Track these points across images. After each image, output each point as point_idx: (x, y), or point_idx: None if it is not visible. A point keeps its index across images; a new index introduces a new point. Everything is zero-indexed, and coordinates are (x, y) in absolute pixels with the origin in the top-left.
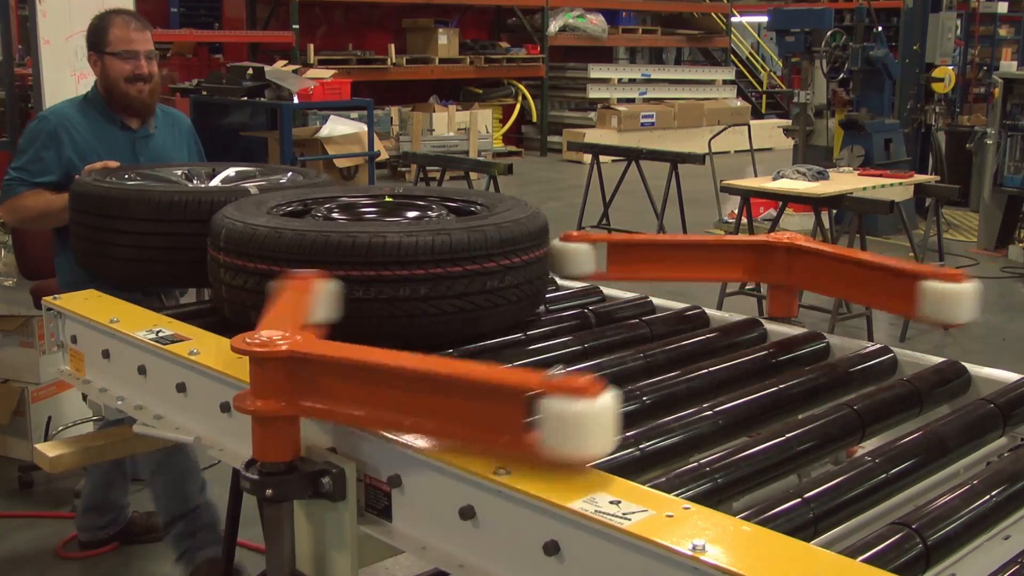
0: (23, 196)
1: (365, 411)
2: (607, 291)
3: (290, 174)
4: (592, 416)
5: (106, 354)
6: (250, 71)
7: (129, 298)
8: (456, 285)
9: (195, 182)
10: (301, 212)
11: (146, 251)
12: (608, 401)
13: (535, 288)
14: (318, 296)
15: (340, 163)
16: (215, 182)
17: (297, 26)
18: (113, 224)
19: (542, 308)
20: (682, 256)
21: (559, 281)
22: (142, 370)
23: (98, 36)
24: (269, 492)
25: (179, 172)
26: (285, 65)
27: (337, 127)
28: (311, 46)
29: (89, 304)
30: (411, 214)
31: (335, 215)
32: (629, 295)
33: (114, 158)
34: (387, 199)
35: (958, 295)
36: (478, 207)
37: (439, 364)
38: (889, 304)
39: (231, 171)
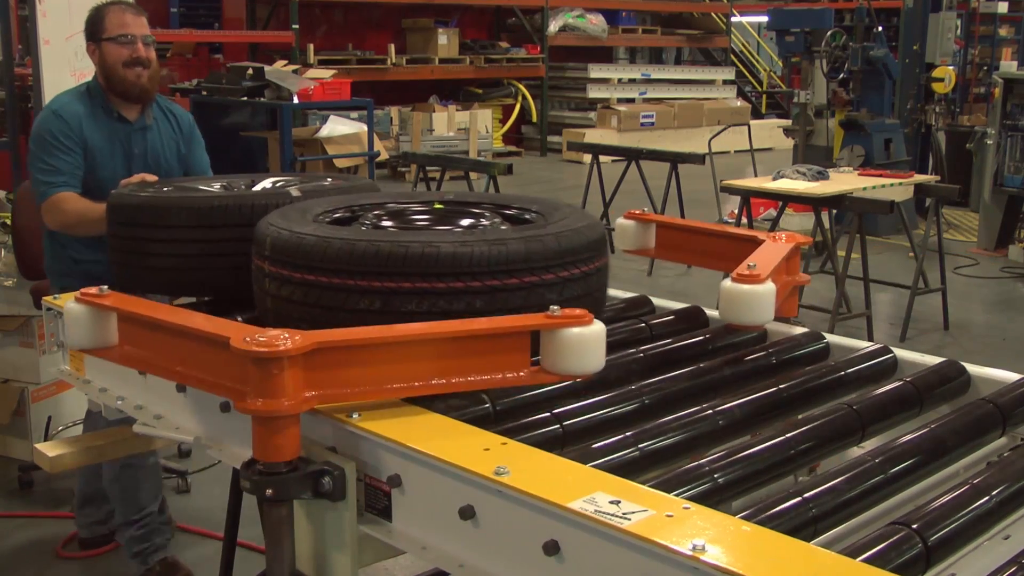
0: (62, 198)
1: (386, 384)
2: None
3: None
4: (590, 338)
5: None
6: (250, 71)
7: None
8: (513, 298)
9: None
10: (348, 219)
11: (187, 259)
12: (600, 326)
13: (594, 301)
14: None
15: (340, 163)
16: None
17: (297, 26)
18: (152, 233)
19: None
20: (725, 246)
21: None
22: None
23: (95, 25)
24: (269, 492)
25: (217, 185)
26: (285, 65)
27: (337, 127)
28: (311, 46)
29: None
30: (464, 222)
31: (384, 223)
32: (628, 295)
33: (109, 150)
34: (437, 206)
35: (752, 297)
36: (533, 215)
37: (445, 326)
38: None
39: (268, 182)
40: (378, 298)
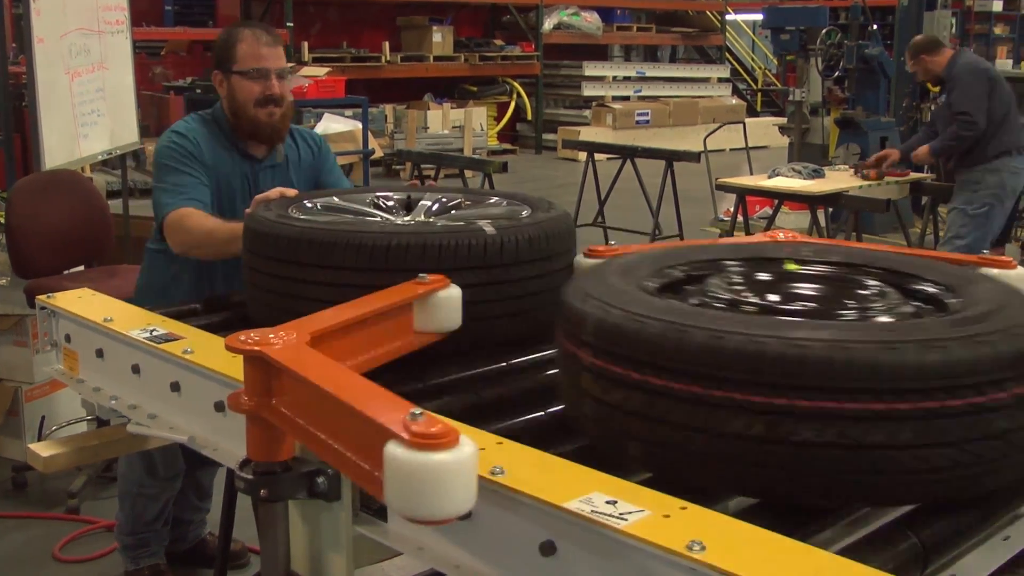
0: (183, 214)
1: (296, 421)
2: None
3: (506, 202)
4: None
5: (100, 353)
6: None
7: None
8: (953, 427)
9: (389, 213)
10: (674, 285)
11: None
12: (468, 451)
13: None
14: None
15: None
16: (419, 214)
17: (291, 24)
18: (309, 274)
19: None
20: None
21: None
22: (136, 369)
23: (225, 53)
24: (264, 492)
25: (368, 199)
26: None
27: (331, 125)
28: (305, 44)
29: (82, 303)
30: (852, 300)
31: (740, 296)
32: None
33: (235, 187)
34: (789, 265)
35: None
36: (940, 289)
37: (337, 376)
38: None
39: (430, 201)
40: (760, 420)
